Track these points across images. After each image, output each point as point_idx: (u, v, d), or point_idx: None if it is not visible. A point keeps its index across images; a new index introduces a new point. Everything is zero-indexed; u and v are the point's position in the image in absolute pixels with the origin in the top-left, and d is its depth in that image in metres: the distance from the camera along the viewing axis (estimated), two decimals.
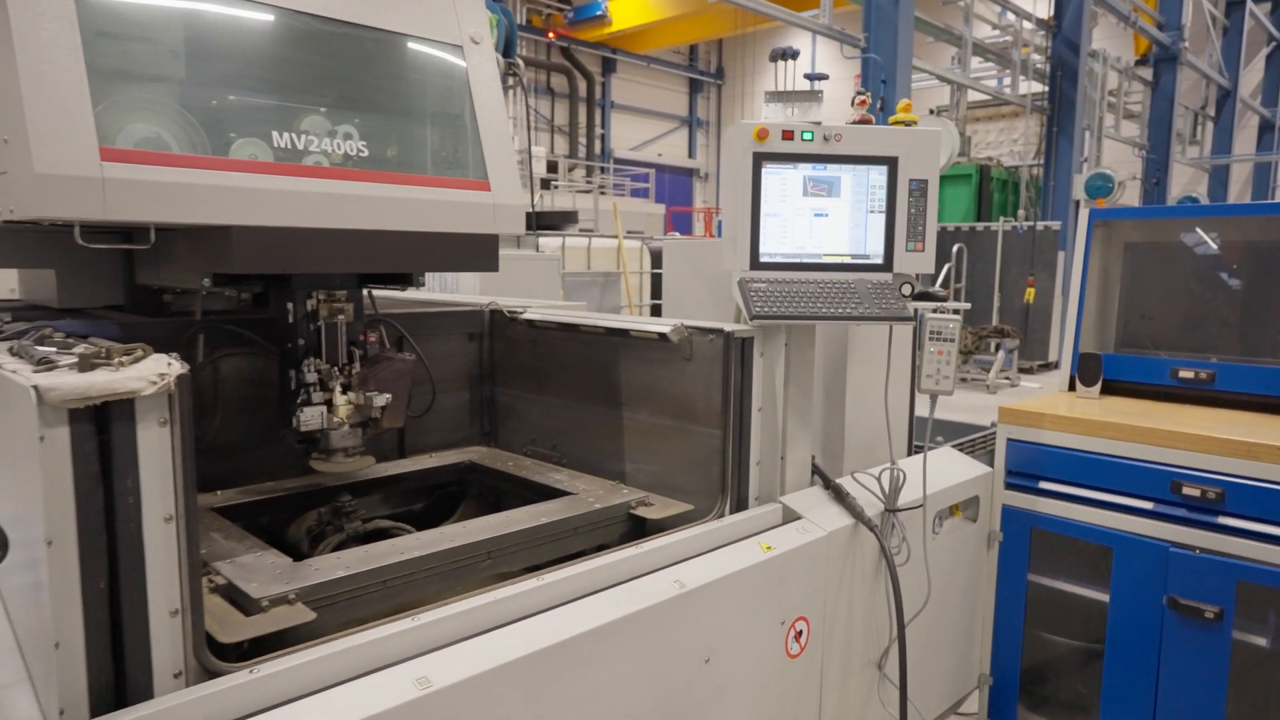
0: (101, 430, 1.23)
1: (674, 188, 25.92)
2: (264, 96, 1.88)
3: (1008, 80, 14.33)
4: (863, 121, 2.45)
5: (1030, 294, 12.18)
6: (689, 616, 1.91)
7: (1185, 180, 19.31)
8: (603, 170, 21.52)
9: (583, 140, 23.83)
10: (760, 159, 2.39)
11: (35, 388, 1.14)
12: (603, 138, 24.81)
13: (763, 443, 2.35)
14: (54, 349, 1.37)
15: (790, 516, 2.35)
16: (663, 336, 2.29)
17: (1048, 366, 13.22)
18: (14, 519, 1.32)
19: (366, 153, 1.94)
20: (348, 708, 1.36)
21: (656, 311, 8.68)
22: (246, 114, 1.84)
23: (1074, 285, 3.31)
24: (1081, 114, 13.57)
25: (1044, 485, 2.89)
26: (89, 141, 1.53)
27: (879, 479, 2.47)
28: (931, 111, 15.79)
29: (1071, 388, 3.25)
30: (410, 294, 3.11)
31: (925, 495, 2.50)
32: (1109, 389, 3.16)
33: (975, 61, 13.53)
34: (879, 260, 2.48)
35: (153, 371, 1.25)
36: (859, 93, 2.39)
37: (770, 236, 2.43)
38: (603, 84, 24.59)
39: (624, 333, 2.42)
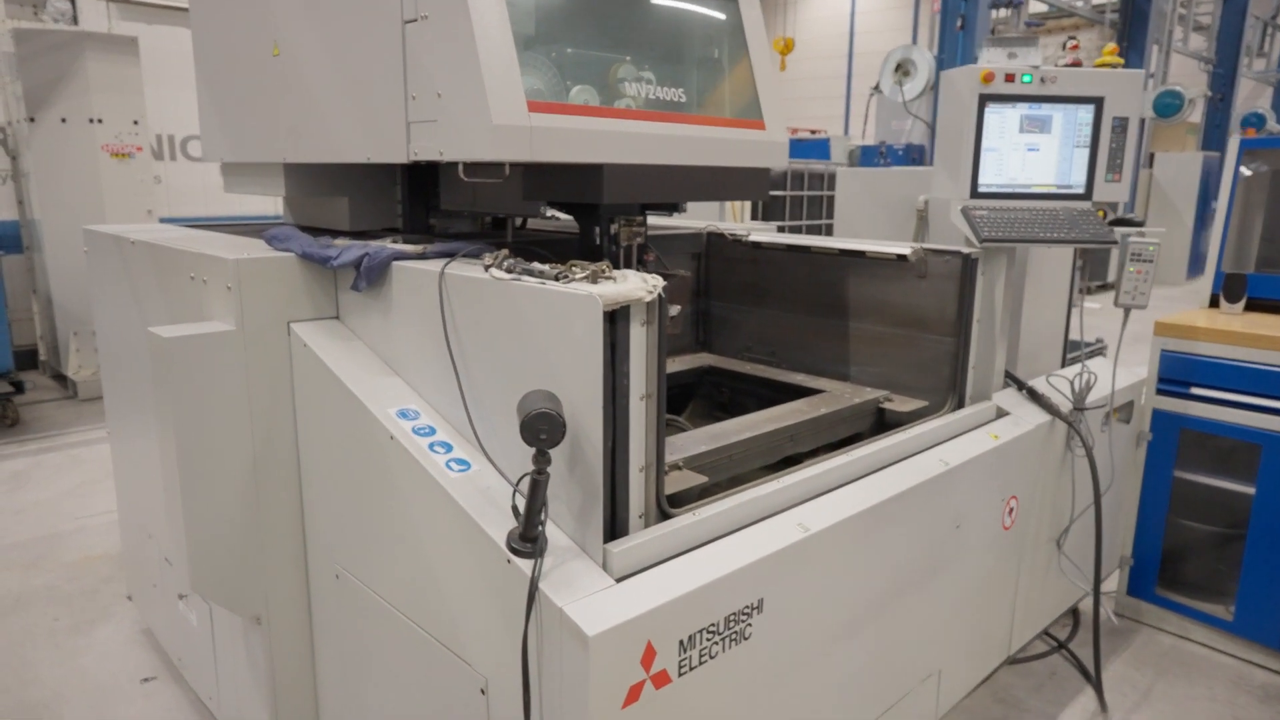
0: (610, 327, 1.61)
1: None
2: (591, 50, 2.21)
3: None
4: (1073, 65, 2.73)
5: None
6: (950, 489, 2.32)
7: (1245, 94, 18.93)
8: None
9: None
10: (985, 100, 2.69)
11: (596, 295, 1.52)
12: None
13: (978, 350, 2.72)
14: (537, 266, 1.75)
15: (1000, 413, 2.74)
16: (901, 257, 2.64)
17: (1106, 287, 13.38)
18: (513, 396, 1.70)
19: (683, 99, 2.27)
20: (764, 542, 1.79)
21: None
22: (579, 65, 2.17)
23: (1220, 209, 3.60)
24: (1154, 27, 13.34)
25: (1195, 391, 3.26)
26: (520, 97, 1.87)
27: (1072, 382, 2.85)
28: (994, 31, 15.48)
29: (1213, 304, 3.58)
30: None
31: (1113, 392, 2.88)
32: (1250, 306, 3.49)
33: None
34: (1080, 190, 2.79)
35: (644, 284, 1.62)
36: (1070, 37, 2.66)
37: (988, 169, 2.74)
38: None
39: (859, 254, 2.77)
